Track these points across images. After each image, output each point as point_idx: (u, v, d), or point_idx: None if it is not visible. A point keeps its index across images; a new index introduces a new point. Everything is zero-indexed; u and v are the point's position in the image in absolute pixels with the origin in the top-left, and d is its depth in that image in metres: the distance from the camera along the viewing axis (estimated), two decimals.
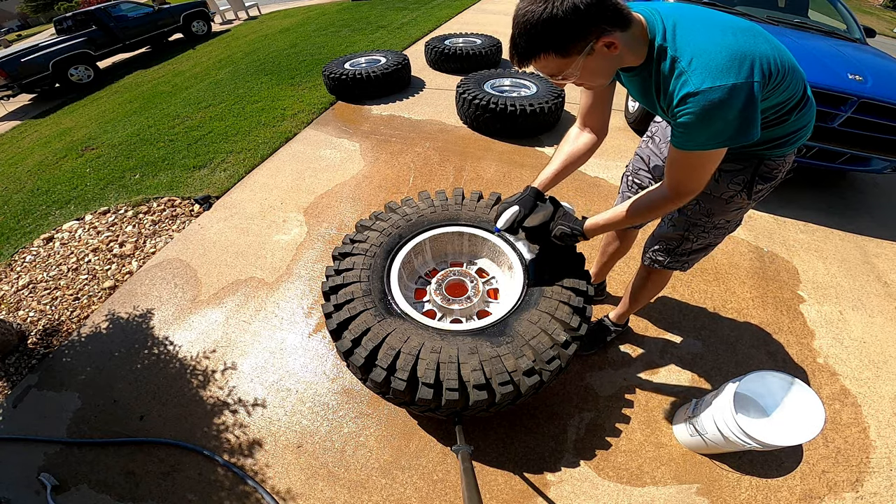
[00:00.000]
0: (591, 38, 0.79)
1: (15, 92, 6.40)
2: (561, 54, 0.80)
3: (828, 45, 2.81)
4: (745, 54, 0.80)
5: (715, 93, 0.78)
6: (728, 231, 1.25)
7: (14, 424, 1.70)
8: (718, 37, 0.83)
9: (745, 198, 1.12)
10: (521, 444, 1.52)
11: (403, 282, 1.43)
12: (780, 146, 1.03)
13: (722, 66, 0.79)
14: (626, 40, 0.84)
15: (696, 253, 1.32)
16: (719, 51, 0.80)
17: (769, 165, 1.07)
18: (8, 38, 20.56)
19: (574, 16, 0.75)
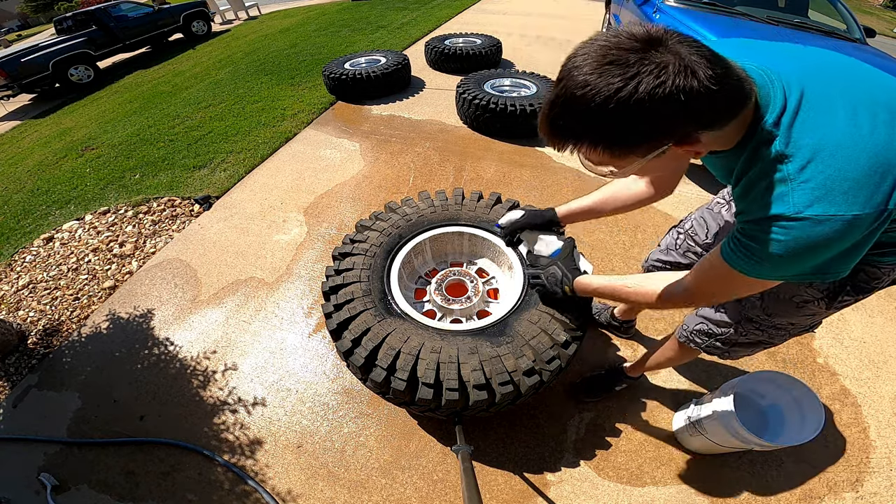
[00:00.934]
0: (667, 142, 0.54)
1: (15, 92, 6.40)
2: (613, 152, 0.55)
3: (828, 46, 2.81)
4: (888, 165, 0.53)
5: (823, 225, 0.54)
6: (791, 334, 0.99)
7: (14, 424, 1.70)
8: (863, 130, 0.54)
9: (823, 307, 0.86)
10: (521, 444, 1.52)
11: (403, 282, 1.43)
12: (888, 254, 0.75)
13: (852, 185, 0.53)
14: (721, 135, 0.59)
15: (740, 346, 1.08)
16: (855, 159, 0.53)
17: (871, 273, 0.78)
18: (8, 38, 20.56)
19: (655, 112, 0.48)
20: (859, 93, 0.58)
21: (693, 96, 0.47)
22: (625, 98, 0.47)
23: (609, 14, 5.35)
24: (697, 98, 0.47)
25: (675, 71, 0.46)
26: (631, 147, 0.54)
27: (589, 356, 1.77)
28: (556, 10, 7.49)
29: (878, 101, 0.57)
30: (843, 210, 0.53)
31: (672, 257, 1.27)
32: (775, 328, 0.98)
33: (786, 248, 0.57)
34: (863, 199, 0.53)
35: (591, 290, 1.02)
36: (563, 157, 3.06)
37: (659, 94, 0.46)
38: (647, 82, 0.46)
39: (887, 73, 0.63)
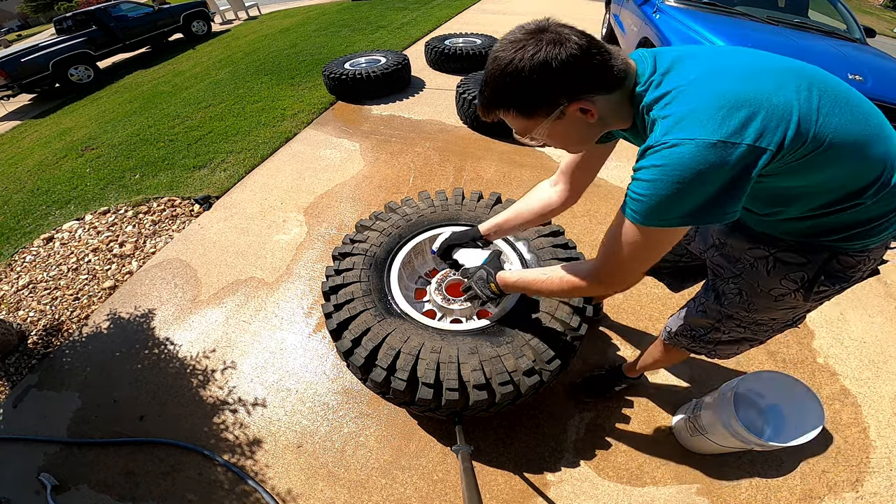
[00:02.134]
0: (562, 102, 0.66)
1: (15, 92, 6.40)
2: (525, 114, 0.69)
3: (828, 45, 2.81)
4: (748, 102, 0.59)
5: (680, 149, 0.59)
6: (774, 330, 1.00)
7: (14, 424, 1.70)
8: (723, 77, 0.62)
9: (801, 299, 0.86)
10: (521, 444, 1.52)
11: (403, 282, 1.43)
12: (859, 236, 0.75)
13: (700, 113, 0.59)
14: (611, 104, 0.69)
15: (725, 345, 1.09)
16: (706, 93, 0.60)
17: (844, 262, 0.79)
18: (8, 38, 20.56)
19: (542, 74, 0.62)
20: (749, 62, 0.66)
21: (563, 60, 0.62)
22: (516, 65, 0.63)
23: (609, 14, 5.35)
24: (567, 62, 0.62)
25: (548, 42, 0.62)
26: (532, 107, 0.68)
27: (589, 355, 1.77)
28: (557, 10, 7.49)
29: (775, 68, 0.65)
30: (694, 134, 0.58)
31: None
32: (757, 324, 0.99)
33: (656, 174, 0.62)
34: (712, 126, 0.58)
35: (511, 284, 1.05)
36: (563, 157, 3.06)
37: (538, 59, 0.62)
38: (529, 52, 0.63)
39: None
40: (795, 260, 0.82)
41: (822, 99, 0.63)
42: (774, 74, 0.64)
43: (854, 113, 0.65)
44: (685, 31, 2.94)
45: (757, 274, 0.89)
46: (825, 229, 0.77)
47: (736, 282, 0.95)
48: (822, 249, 0.80)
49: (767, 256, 0.86)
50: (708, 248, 1.04)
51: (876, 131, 0.67)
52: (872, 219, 0.73)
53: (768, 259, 0.86)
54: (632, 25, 3.97)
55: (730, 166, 0.58)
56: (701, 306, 1.07)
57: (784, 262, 0.84)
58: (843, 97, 0.65)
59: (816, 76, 0.66)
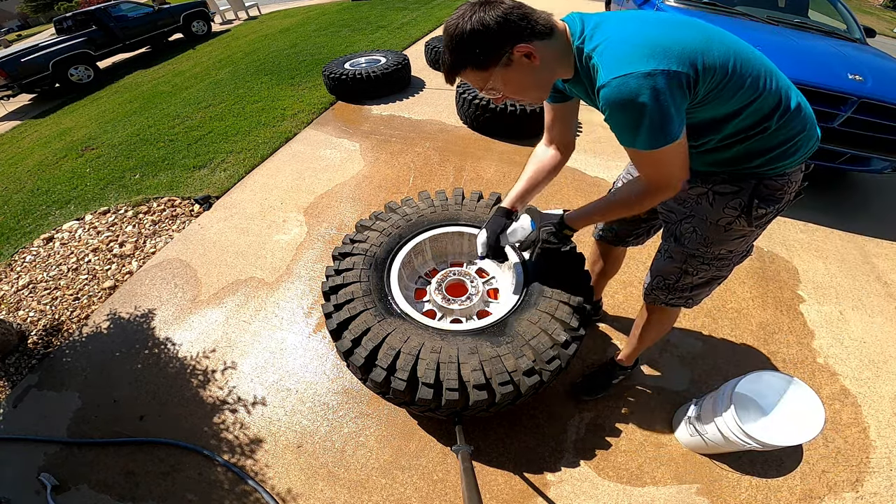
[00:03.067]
0: (506, 49, 0.79)
1: (15, 92, 6.39)
2: (479, 68, 0.82)
3: (828, 45, 2.81)
4: (664, 45, 0.74)
5: (618, 84, 0.74)
6: (733, 262, 1.12)
7: (14, 424, 1.70)
8: (639, 29, 0.78)
9: (745, 224, 0.99)
10: (521, 444, 1.52)
11: (403, 282, 1.43)
12: (774, 160, 0.91)
13: (629, 54, 0.74)
14: (550, 51, 0.83)
15: (699, 288, 1.18)
16: (631, 40, 0.76)
17: (770, 185, 0.93)
18: (8, 38, 20.55)
19: (483, 29, 0.77)
20: (657, 20, 0.81)
21: (496, 17, 0.77)
22: (462, 28, 0.78)
23: None
24: (501, 18, 0.77)
25: (482, 6, 0.78)
26: (483, 60, 0.81)
27: (589, 355, 1.77)
28: (557, 10, 7.46)
29: (680, 23, 0.80)
30: (626, 69, 0.73)
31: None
32: (718, 258, 1.09)
33: (612, 109, 0.77)
34: (640, 62, 0.73)
35: (583, 220, 1.13)
36: None
37: (476, 20, 0.77)
38: (469, 16, 0.78)
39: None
40: (729, 190, 0.97)
41: (723, 42, 0.81)
42: (686, 26, 0.80)
43: (750, 55, 0.83)
44: None
45: (702, 209, 1.02)
46: (743, 155, 0.91)
47: (689, 221, 1.07)
48: (748, 177, 0.94)
49: (707, 192, 1.00)
50: None
51: (769, 67, 0.85)
52: (781, 143, 0.88)
53: (707, 194, 1.00)
54: None
55: (665, 86, 0.73)
56: (666, 253, 1.18)
57: (720, 193, 0.98)
58: (740, 45, 0.84)
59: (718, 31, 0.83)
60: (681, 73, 0.74)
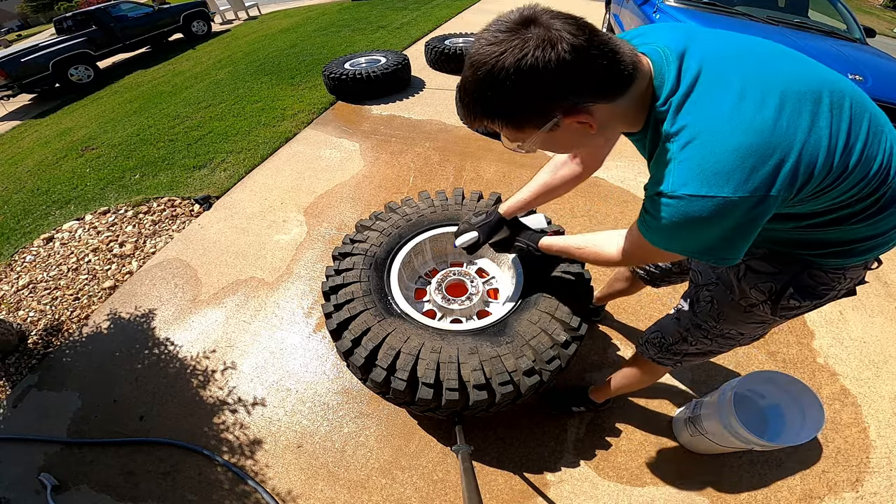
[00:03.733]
0: (555, 115, 0.57)
1: (15, 92, 6.39)
2: (511, 126, 0.61)
3: (828, 45, 2.81)
4: (770, 150, 0.53)
5: (696, 204, 0.56)
6: (739, 344, 0.99)
7: (14, 424, 1.70)
8: (746, 112, 0.54)
9: (769, 311, 0.83)
10: (521, 444, 1.52)
11: (403, 282, 1.43)
12: (839, 255, 0.71)
13: (724, 167, 0.54)
14: (616, 112, 0.60)
15: (691, 356, 1.09)
16: (731, 140, 0.54)
17: (817, 277, 0.75)
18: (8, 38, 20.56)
19: (528, 83, 0.52)
20: (761, 76, 0.58)
21: (554, 66, 0.51)
22: (497, 72, 0.53)
23: (609, 14, 5.35)
24: (560, 68, 0.51)
25: (536, 44, 0.51)
26: (521, 119, 0.59)
27: (589, 355, 1.77)
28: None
29: (777, 86, 0.57)
30: (714, 191, 0.54)
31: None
32: (724, 337, 0.97)
33: (668, 222, 0.60)
34: (735, 182, 0.54)
35: (555, 249, 1.09)
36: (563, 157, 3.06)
37: (523, 65, 0.51)
38: (512, 55, 0.51)
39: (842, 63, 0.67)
40: (766, 269, 0.80)
41: (852, 121, 0.59)
42: (808, 100, 0.57)
43: (875, 132, 0.61)
44: None
45: (728, 281, 0.88)
46: (805, 242, 0.73)
47: (710, 289, 0.94)
48: (794, 261, 0.76)
49: (740, 264, 0.83)
50: None
51: (886, 145, 0.62)
52: (858, 239, 0.68)
53: (739, 266, 0.83)
54: (632, 25, 3.97)
55: (747, 216, 0.57)
56: (676, 312, 1.07)
57: (754, 270, 0.81)
58: (867, 115, 0.62)
59: (847, 91, 0.61)
60: (776, 197, 0.55)
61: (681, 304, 1.06)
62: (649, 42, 0.63)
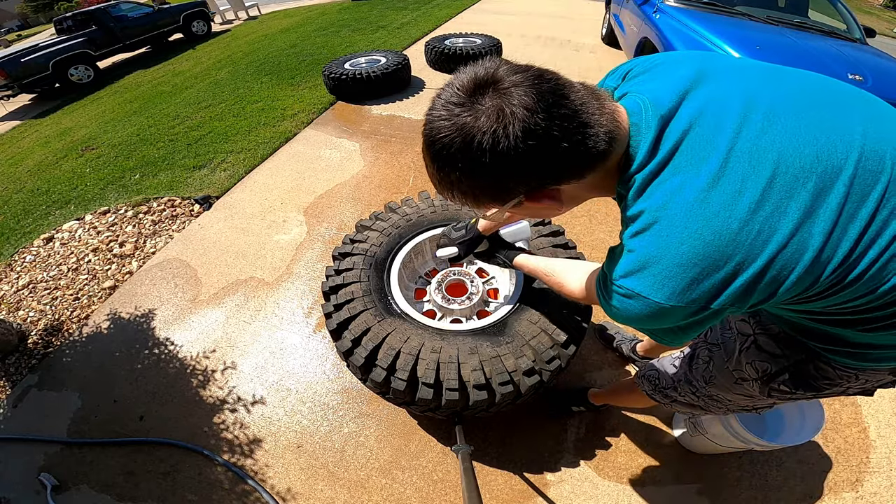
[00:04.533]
0: (517, 194, 0.52)
1: (15, 92, 6.39)
2: (472, 203, 0.55)
3: (828, 45, 2.81)
4: (723, 260, 0.45)
5: (632, 301, 0.52)
6: (727, 410, 0.95)
7: (14, 424, 1.70)
8: (712, 206, 0.45)
9: (758, 390, 0.77)
10: (521, 444, 1.52)
11: (403, 282, 1.43)
12: (849, 356, 0.62)
13: (662, 271, 0.48)
14: (588, 184, 0.54)
15: (679, 404, 1.06)
16: (679, 246, 0.46)
17: (822, 370, 0.67)
18: (8, 38, 20.56)
19: (484, 164, 0.46)
20: (759, 142, 0.46)
21: (506, 151, 0.44)
22: (447, 147, 0.47)
23: (609, 14, 5.35)
24: (512, 155, 0.44)
25: (488, 123, 0.44)
26: (479, 197, 0.53)
27: (589, 355, 1.77)
28: (557, 10, 7.49)
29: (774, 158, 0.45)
30: (648, 293, 0.49)
31: None
32: (711, 398, 0.93)
33: (610, 303, 0.56)
34: (669, 291, 0.48)
35: (526, 269, 1.06)
36: None
37: (474, 147, 0.45)
38: (461, 135, 0.45)
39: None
40: (771, 349, 0.72)
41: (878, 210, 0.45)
42: (813, 180, 0.44)
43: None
44: (685, 32, 2.94)
45: (731, 349, 0.82)
46: (815, 333, 0.65)
47: (711, 350, 0.89)
48: (801, 349, 0.68)
49: (749, 335, 0.77)
50: None
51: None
52: (874, 346, 0.58)
53: (748, 338, 0.77)
54: (632, 25, 3.97)
55: (680, 319, 0.51)
56: (677, 359, 1.04)
57: (760, 347, 0.75)
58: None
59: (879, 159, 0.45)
60: (724, 310, 0.49)
61: (684, 351, 1.02)
62: (641, 90, 0.54)
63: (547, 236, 1.47)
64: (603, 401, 1.48)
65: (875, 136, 0.47)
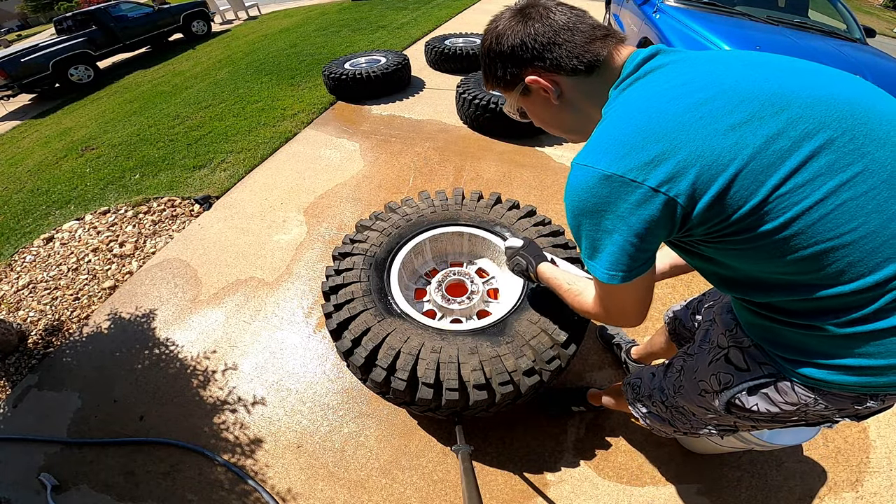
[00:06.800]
0: (520, 75, 0.67)
1: (15, 92, 6.40)
2: (500, 86, 0.72)
3: (828, 46, 2.81)
4: (670, 136, 0.49)
5: (578, 173, 0.56)
6: (692, 425, 0.93)
7: (14, 424, 1.70)
8: (661, 101, 0.53)
9: (717, 403, 0.76)
10: (521, 444, 1.52)
11: (403, 282, 1.43)
12: (817, 368, 0.59)
13: (609, 139, 0.54)
14: (579, 89, 0.65)
15: (652, 417, 1.05)
16: (633, 117, 0.53)
17: (782, 391, 0.65)
18: (8, 38, 20.56)
19: (496, 47, 0.66)
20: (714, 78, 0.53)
21: (517, 37, 0.63)
22: (485, 37, 0.69)
23: (609, 14, 5.35)
24: (518, 41, 0.63)
25: (519, 15, 0.64)
26: (500, 79, 0.70)
27: (590, 354, 1.77)
28: None
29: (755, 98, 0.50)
30: (594, 161, 0.54)
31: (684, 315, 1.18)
32: (677, 409, 0.93)
33: (566, 200, 0.60)
34: (611, 157, 0.52)
35: (544, 279, 1.04)
36: (564, 157, 3.06)
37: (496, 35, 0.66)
38: (497, 26, 0.67)
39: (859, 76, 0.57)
40: (738, 363, 0.72)
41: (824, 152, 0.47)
42: (749, 103, 0.49)
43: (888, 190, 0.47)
44: (685, 31, 2.94)
45: (703, 357, 0.82)
46: (775, 339, 0.64)
47: (685, 359, 0.90)
48: (767, 366, 0.67)
49: (724, 348, 0.77)
50: (705, 321, 0.96)
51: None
52: (837, 355, 0.56)
53: (721, 351, 0.77)
54: (632, 25, 3.97)
55: (624, 209, 0.52)
56: (656, 368, 1.04)
57: (729, 359, 0.74)
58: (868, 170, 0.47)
59: (849, 115, 0.49)
60: (665, 198, 0.50)
61: (664, 362, 1.02)
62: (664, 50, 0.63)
63: (547, 236, 1.47)
64: (600, 403, 1.46)
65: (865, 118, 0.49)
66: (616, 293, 0.66)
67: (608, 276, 0.60)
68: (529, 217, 1.55)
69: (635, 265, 0.58)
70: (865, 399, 0.60)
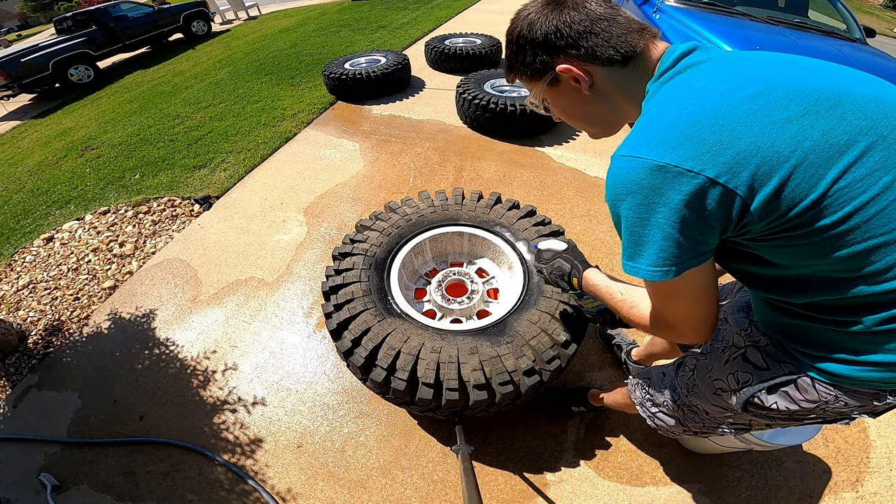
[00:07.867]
0: (550, 63, 0.65)
1: (15, 92, 6.40)
2: (525, 77, 0.70)
3: (828, 46, 2.81)
4: (722, 126, 0.49)
5: (624, 163, 0.54)
6: (705, 426, 0.92)
7: (14, 424, 1.70)
8: (714, 93, 0.52)
9: (734, 402, 0.75)
10: (521, 444, 1.52)
11: (403, 282, 1.43)
12: (843, 364, 0.59)
13: (661, 133, 0.52)
14: (613, 81, 0.64)
15: (661, 418, 1.02)
16: (682, 110, 0.52)
17: (802, 388, 0.65)
18: (8, 38, 20.56)
19: (528, 34, 0.65)
20: (760, 74, 0.53)
21: (551, 25, 0.62)
22: (513, 26, 0.67)
23: None
24: (553, 28, 0.62)
25: (550, 5, 0.63)
26: (528, 71, 0.68)
27: (590, 354, 1.77)
28: None
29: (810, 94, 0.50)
30: (643, 153, 0.52)
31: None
32: (690, 408, 0.92)
33: (607, 197, 0.58)
34: (666, 147, 0.50)
35: (591, 286, 0.93)
36: (564, 157, 3.06)
37: (528, 22, 0.65)
38: (528, 15, 0.65)
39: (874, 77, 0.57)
40: (757, 362, 0.71)
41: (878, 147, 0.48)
42: (802, 98, 0.49)
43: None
44: (685, 31, 2.94)
45: (716, 356, 0.81)
46: (802, 337, 0.63)
47: (699, 358, 0.88)
48: (787, 365, 0.66)
49: (740, 347, 0.75)
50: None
51: None
52: (867, 350, 0.56)
53: (737, 350, 0.76)
54: None
55: (678, 201, 0.49)
56: (666, 367, 1.03)
57: (746, 358, 0.73)
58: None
59: (893, 114, 0.49)
60: (724, 189, 0.49)
61: (675, 360, 1.00)
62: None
63: (547, 236, 1.47)
64: (600, 403, 1.46)
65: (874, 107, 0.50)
66: (669, 296, 0.61)
67: (655, 272, 0.55)
68: (529, 217, 1.55)
69: (686, 257, 0.54)
70: (885, 395, 0.60)
